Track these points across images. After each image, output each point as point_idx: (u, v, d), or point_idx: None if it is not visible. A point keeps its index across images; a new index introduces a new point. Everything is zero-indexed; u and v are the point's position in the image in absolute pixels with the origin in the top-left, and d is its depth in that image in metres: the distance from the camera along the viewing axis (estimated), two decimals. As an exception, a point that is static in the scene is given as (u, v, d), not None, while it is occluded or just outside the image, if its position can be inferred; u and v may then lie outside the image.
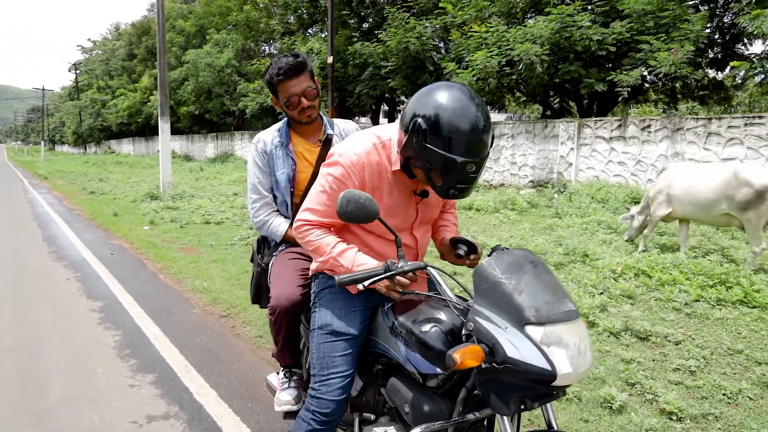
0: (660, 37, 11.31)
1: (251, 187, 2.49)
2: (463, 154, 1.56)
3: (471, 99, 1.58)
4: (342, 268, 1.79)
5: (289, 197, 2.45)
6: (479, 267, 1.52)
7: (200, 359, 3.76)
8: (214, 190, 14.18)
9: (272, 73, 2.35)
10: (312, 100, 2.36)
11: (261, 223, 2.48)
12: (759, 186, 5.48)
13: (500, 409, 1.44)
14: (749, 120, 9.57)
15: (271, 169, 2.45)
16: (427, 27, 16.98)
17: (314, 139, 2.49)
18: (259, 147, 2.46)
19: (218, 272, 6.03)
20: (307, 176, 2.43)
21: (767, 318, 4.44)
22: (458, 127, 1.55)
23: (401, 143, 1.69)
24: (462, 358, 1.37)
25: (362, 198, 1.60)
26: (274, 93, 2.41)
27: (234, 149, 26.53)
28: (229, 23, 26.86)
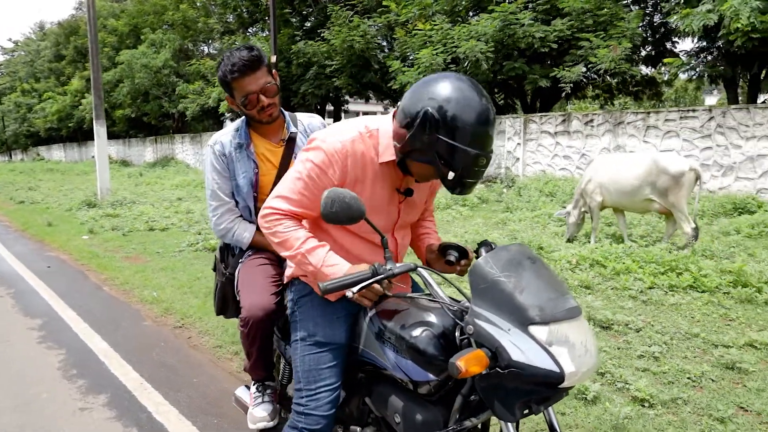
0: (599, 35, 11.70)
1: (210, 193, 2.29)
2: (476, 147, 1.48)
3: (479, 91, 1.50)
4: (309, 267, 1.64)
5: (252, 202, 2.28)
6: (475, 266, 1.43)
7: (156, 375, 3.52)
8: (157, 195, 13.60)
9: (225, 70, 2.12)
10: (272, 97, 2.17)
11: (224, 231, 2.29)
12: (675, 172, 6.04)
13: (505, 415, 1.36)
14: (684, 113, 10.03)
15: (231, 173, 2.26)
16: (372, 25, 16.92)
17: (276, 138, 2.31)
18: (216, 150, 2.26)
19: (168, 281, 5.73)
20: (270, 179, 2.26)
21: (716, 302, 4.61)
22: (472, 119, 1.47)
23: (400, 136, 1.57)
24: (466, 366, 1.27)
25: (347, 197, 1.48)
26: (229, 92, 2.19)
27: (175, 153, 25.60)
28: (165, 22, 25.90)
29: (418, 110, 1.50)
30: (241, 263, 2.28)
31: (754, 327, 4.10)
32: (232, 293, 2.35)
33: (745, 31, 9.79)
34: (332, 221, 1.51)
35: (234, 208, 2.31)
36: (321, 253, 1.65)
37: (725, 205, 8.71)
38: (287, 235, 1.67)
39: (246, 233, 2.28)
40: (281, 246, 1.70)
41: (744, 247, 6.35)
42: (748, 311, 4.41)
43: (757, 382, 3.21)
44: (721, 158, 9.60)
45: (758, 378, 3.27)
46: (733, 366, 3.40)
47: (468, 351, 1.32)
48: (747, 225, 7.37)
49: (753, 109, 9.35)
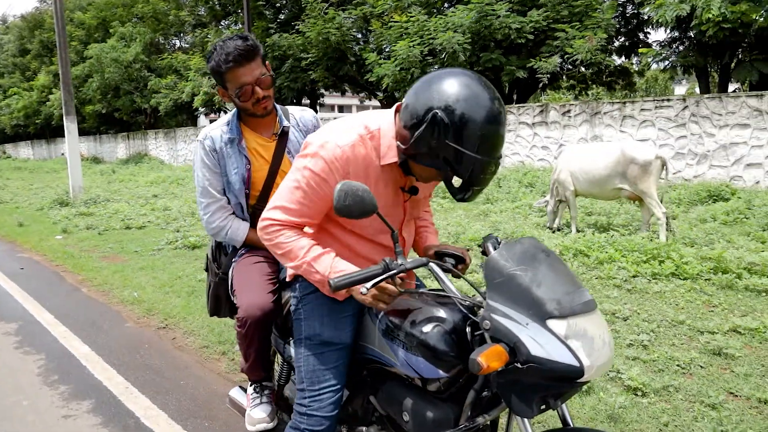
0: (575, 26, 11.79)
1: (201, 190, 2.21)
2: (487, 153, 1.41)
3: (489, 89, 1.42)
4: (317, 276, 1.58)
5: (244, 199, 2.21)
6: (490, 260, 1.39)
7: (142, 378, 3.42)
8: (131, 192, 13.30)
9: (219, 60, 2.04)
10: (267, 89, 2.10)
11: (217, 229, 2.21)
12: (642, 161, 6.23)
13: (523, 411, 1.33)
14: (659, 103, 10.18)
15: (222, 169, 2.18)
16: (347, 17, 16.78)
17: (269, 132, 2.24)
18: (206, 145, 2.17)
19: (148, 280, 5.59)
20: (263, 175, 2.19)
21: (698, 288, 4.69)
22: (483, 122, 1.39)
23: (404, 137, 1.50)
24: (487, 362, 1.25)
25: (360, 190, 1.42)
26: (222, 83, 2.11)
27: (148, 149, 25.09)
28: (135, 15, 25.29)
29: (426, 111, 1.42)
30: (234, 262, 2.21)
31: (736, 313, 4.17)
32: (225, 293, 2.27)
33: (716, 22, 9.99)
34: (345, 215, 1.44)
35: (226, 205, 2.23)
36: (327, 260, 1.59)
37: (700, 192, 8.88)
38: (290, 246, 1.61)
39: (240, 231, 2.20)
40: (285, 257, 1.64)
41: (721, 233, 6.47)
42: (729, 297, 4.49)
43: (744, 367, 3.26)
44: (695, 147, 9.78)
45: (744, 363, 3.33)
46: (720, 352, 3.45)
47: (487, 347, 1.29)
48: (722, 212, 7.53)
49: (725, 98, 9.53)
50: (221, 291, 2.28)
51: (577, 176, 6.76)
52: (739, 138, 9.31)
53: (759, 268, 4.96)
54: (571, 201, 6.95)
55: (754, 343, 3.64)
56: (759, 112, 9.11)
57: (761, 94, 9.20)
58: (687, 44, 12.75)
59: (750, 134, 9.22)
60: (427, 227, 1.98)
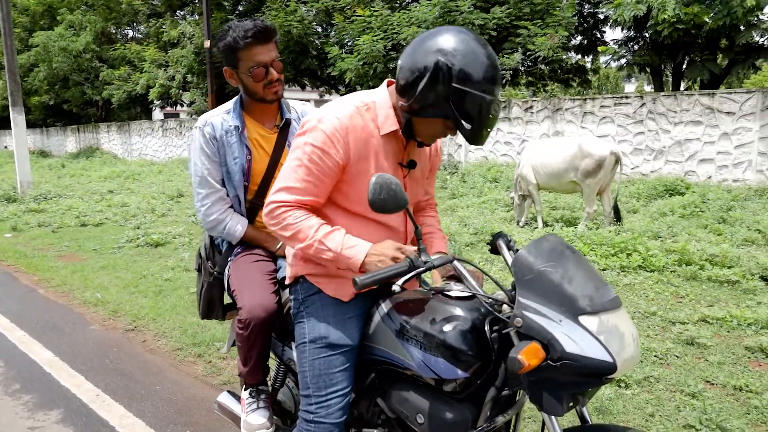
0: (536, 23, 11.97)
1: (199, 180, 2.09)
2: (491, 93, 1.45)
3: (481, 41, 1.49)
4: (329, 253, 1.52)
5: (242, 192, 2.10)
6: (519, 257, 1.37)
7: (114, 384, 3.25)
8: (84, 188, 12.75)
9: (237, 36, 1.95)
10: (280, 74, 2.04)
11: (215, 222, 2.10)
12: (598, 157, 6.46)
13: (554, 409, 1.31)
14: (618, 100, 10.46)
15: (222, 158, 2.08)
16: (309, 10, 16.54)
17: (271, 123, 2.15)
18: (206, 132, 2.06)
19: (111, 280, 5.35)
20: (263, 167, 2.09)
21: (665, 280, 4.83)
22: (483, 66, 1.44)
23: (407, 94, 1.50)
24: (528, 359, 1.23)
25: (393, 184, 1.40)
26: (233, 61, 2.01)
27: (100, 143, 24.13)
28: (84, 3, 24.19)
29: (427, 63, 1.45)
30: (231, 261, 2.11)
31: (703, 303, 4.31)
32: (220, 294, 2.17)
33: (671, 22, 10.33)
34: (379, 209, 1.42)
35: (225, 197, 2.12)
36: (338, 237, 1.54)
37: (657, 187, 9.18)
38: (298, 226, 1.55)
39: (239, 226, 2.10)
40: (293, 239, 1.57)
41: (681, 226, 6.70)
42: (695, 288, 4.64)
43: (717, 356, 3.37)
44: (652, 143, 10.10)
45: (716, 352, 3.44)
46: (693, 342, 3.56)
47: (525, 344, 1.26)
48: (679, 206, 7.80)
49: (680, 96, 9.88)
50: (215, 292, 2.17)
51: (538, 170, 6.97)
52: (693, 135, 9.67)
53: (719, 259, 5.15)
54: (535, 195, 7.11)
55: (723, 332, 3.77)
56: (711, 110, 9.47)
57: (713, 92, 9.57)
58: (642, 43, 13.15)
59: (703, 131, 9.58)
60: (433, 234, 1.89)
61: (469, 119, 1.46)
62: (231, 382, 3.22)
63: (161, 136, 20.40)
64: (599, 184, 6.58)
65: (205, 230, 2.19)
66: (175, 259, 6.01)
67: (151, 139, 20.95)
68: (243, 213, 2.15)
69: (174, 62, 19.21)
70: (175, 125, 19.90)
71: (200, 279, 2.23)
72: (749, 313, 3.92)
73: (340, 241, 1.53)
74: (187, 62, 18.47)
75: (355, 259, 1.51)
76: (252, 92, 2.06)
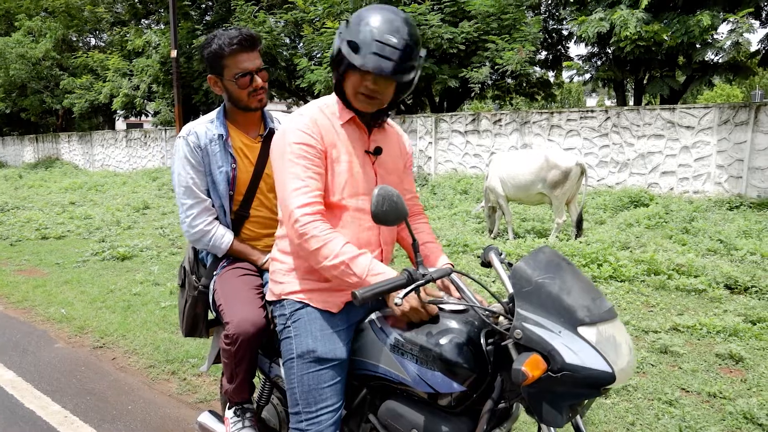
0: (504, 38, 12.21)
1: (184, 190, 2.03)
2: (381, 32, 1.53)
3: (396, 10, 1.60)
4: (353, 278, 1.51)
5: (228, 202, 2.05)
6: (517, 268, 1.37)
7: (82, 405, 3.11)
8: (44, 199, 12.31)
9: (222, 43, 1.96)
10: (264, 82, 2.04)
11: (201, 234, 2.04)
12: (564, 168, 6.64)
13: (555, 420, 1.31)
14: (584, 114, 10.73)
15: (207, 167, 2.03)
16: (278, 22, 16.48)
17: (254, 133, 2.13)
18: (191, 141, 2.02)
19: (76, 295, 5.15)
20: (247, 177, 2.05)
21: (636, 290, 4.94)
22: (376, 13, 1.57)
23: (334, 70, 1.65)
24: (531, 371, 1.23)
25: (394, 196, 1.43)
26: (218, 69, 2.01)
27: (60, 153, 23.38)
28: (44, 9, 23.51)
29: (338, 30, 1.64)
30: (216, 275, 2.04)
31: (673, 311, 4.42)
32: (204, 310, 2.10)
33: (632, 39, 10.69)
34: (381, 221, 1.45)
35: (211, 207, 2.07)
36: (365, 262, 1.53)
37: (623, 198, 9.42)
38: (323, 241, 1.54)
39: (225, 239, 2.05)
40: (317, 255, 1.55)
41: (648, 237, 6.88)
42: (664, 297, 4.76)
43: (690, 363, 3.45)
44: (617, 155, 10.38)
45: (689, 359, 3.52)
46: (666, 350, 3.64)
47: (527, 356, 1.27)
48: (644, 217, 8.01)
49: (642, 110, 10.20)
50: (200, 307, 2.10)
51: (506, 182, 7.09)
52: (655, 148, 9.99)
53: (685, 269, 5.30)
54: (504, 206, 7.21)
55: (694, 339, 3.87)
56: (672, 124, 9.81)
57: (673, 107, 9.91)
58: (605, 59, 13.55)
59: (664, 144, 9.90)
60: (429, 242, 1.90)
61: (356, 49, 1.55)
62: (208, 400, 3.12)
63: (125, 147, 19.92)
64: (566, 195, 6.74)
65: (190, 242, 2.12)
66: (143, 272, 5.83)
67: (114, 149, 20.43)
68: (228, 224, 2.10)
69: (139, 71, 18.82)
70: (139, 136, 19.46)
71: (183, 294, 2.16)
72: (717, 320, 4.04)
73: (366, 266, 1.53)
74: (152, 72, 18.13)
75: None
76: (237, 100, 2.05)
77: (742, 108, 9.14)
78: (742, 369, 3.40)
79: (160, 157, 18.69)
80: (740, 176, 9.16)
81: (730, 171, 9.28)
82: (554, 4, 15.12)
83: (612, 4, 11.33)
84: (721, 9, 10.53)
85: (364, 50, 1.53)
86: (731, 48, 10.74)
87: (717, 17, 10.22)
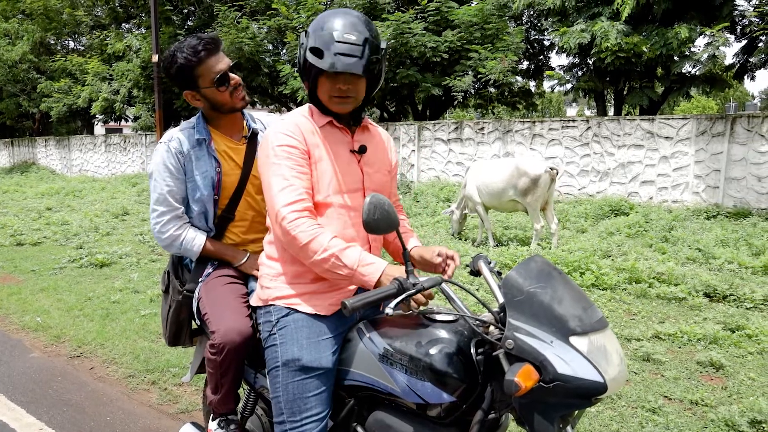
0: (487, 47, 12.32)
1: (158, 197, 2.00)
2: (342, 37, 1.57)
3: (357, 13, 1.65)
4: (344, 270, 1.52)
5: (211, 206, 2.02)
6: (508, 278, 1.36)
7: (59, 416, 3.03)
8: (19, 205, 12.04)
9: (187, 55, 1.93)
10: (238, 78, 2.03)
11: (170, 239, 2.01)
12: (533, 175, 6.81)
13: (546, 431, 1.29)
14: (565, 123, 10.86)
15: (189, 174, 2.00)
16: (261, 28, 16.42)
17: (238, 135, 2.11)
18: (172, 147, 1.98)
19: (52, 303, 5.03)
20: (234, 180, 2.03)
21: (618, 298, 4.99)
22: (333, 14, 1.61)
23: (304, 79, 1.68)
24: (524, 382, 1.22)
25: (386, 204, 1.41)
26: (192, 81, 1.97)
27: (36, 157, 22.93)
28: (21, 11, 23.11)
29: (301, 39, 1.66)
30: (201, 282, 2.00)
31: (654, 319, 4.47)
32: (189, 316, 2.06)
33: (613, 51, 10.86)
34: (373, 230, 1.44)
35: (182, 215, 2.04)
36: (354, 254, 1.53)
37: (603, 207, 9.53)
38: (310, 236, 1.55)
39: (195, 241, 2.02)
40: (306, 250, 1.55)
41: (629, 245, 6.96)
42: (645, 305, 4.81)
43: (672, 371, 3.48)
44: (597, 165, 10.51)
45: (671, 367, 3.55)
46: (649, 358, 3.67)
47: (520, 366, 1.25)
48: (625, 225, 8.11)
49: (622, 120, 10.36)
50: (184, 313, 2.05)
51: (482, 189, 7.31)
52: (635, 157, 10.14)
53: (666, 277, 5.37)
54: (482, 214, 7.40)
55: (675, 347, 3.91)
56: (651, 134, 9.97)
57: (652, 118, 10.09)
58: (586, 70, 13.75)
59: (644, 154, 10.06)
60: (406, 232, 1.94)
61: (319, 54, 1.57)
62: (189, 411, 3.06)
63: (104, 152, 19.62)
64: (539, 202, 6.90)
65: (163, 248, 2.09)
66: (122, 279, 5.72)
67: (93, 154, 20.10)
68: (211, 228, 2.07)
69: (119, 76, 18.59)
70: (119, 141, 19.19)
71: (167, 300, 2.11)
72: (698, 328, 4.09)
73: (356, 258, 1.53)
74: (132, 76, 17.92)
75: (370, 277, 1.51)
76: (220, 104, 2.03)
77: (719, 119, 9.33)
78: (723, 376, 3.44)
79: (140, 163, 18.44)
80: (717, 186, 9.34)
81: (707, 181, 9.46)
82: (536, 14, 15.30)
83: (593, 16, 11.51)
84: (698, 23, 10.76)
85: (327, 53, 1.56)
86: (708, 61, 10.99)
87: (694, 30, 10.44)
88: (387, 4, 13.58)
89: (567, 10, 12.06)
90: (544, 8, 12.43)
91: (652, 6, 10.69)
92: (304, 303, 1.64)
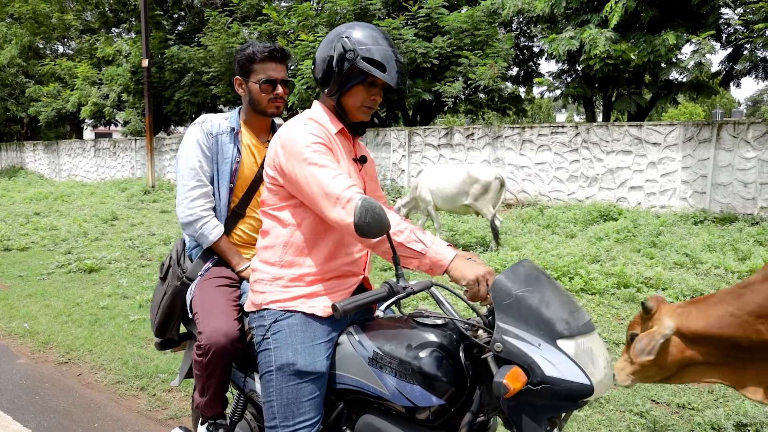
0: (477, 53, 12.42)
1: (189, 172, 2.08)
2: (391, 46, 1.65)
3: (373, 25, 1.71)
4: (419, 245, 1.46)
5: (226, 194, 2.10)
6: (498, 281, 1.39)
7: (46, 423, 3.00)
8: (6, 210, 11.93)
9: (256, 50, 2.10)
10: (285, 93, 2.15)
11: (195, 218, 2.07)
12: (484, 182, 7.26)
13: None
14: (555, 129, 10.95)
15: (215, 156, 2.10)
16: (252, 33, 16.43)
17: (264, 137, 2.24)
18: (205, 127, 2.12)
19: (40, 309, 4.99)
20: (251, 174, 2.13)
21: (606, 302, 5.03)
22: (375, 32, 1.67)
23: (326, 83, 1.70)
24: (513, 384, 1.24)
25: (378, 208, 1.40)
26: (246, 71, 2.13)
27: (24, 162, 22.75)
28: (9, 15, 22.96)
29: (333, 46, 1.66)
30: (199, 277, 2.05)
31: (642, 324, 4.50)
32: (181, 306, 2.08)
33: (601, 57, 10.98)
34: (364, 233, 1.41)
35: (211, 194, 2.12)
36: (428, 234, 1.52)
37: (592, 212, 9.60)
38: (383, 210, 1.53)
39: (215, 230, 2.09)
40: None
41: (617, 250, 7.02)
42: (633, 310, 4.85)
43: (660, 375, 3.51)
44: (586, 170, 10.60)
45: (659, 371, 3.58)
46: (636, 362, 3.69)
47: (508, 369, 1.28)
48: (614, 231, 8.18)
49: (611, 126, 10.46)
50: (177, 301, 2.08)
51: (435, 193, 7.63)
52: (623, 163, 10.24)
53: (654, 282, 5.43)
54: (433, 215, 7.77)
55: (662, 352, 3.94)
56: (639, 140, 10.08)
57: (640, 124, 10.20)
58: (575, 76, 13.88)
59: (632, 160, 10.16)
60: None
61: (384, 70, 1.61)
62: (178, 416, 3.04)
63: (93, 157, 19.50)
64: (490, 203, 7.28)
65: (181, 226, 2.13)
66: (111, 285, 5.69)
67: (81, 159, 19.97)
68: (223, 219, 2.14)
69: (108, 80, 18.51)
70: (108, 145, 19.09)
71: (163, 286, 2.14)
72: (685, 332, 4.13)
73: (431, 237, 1.51)
74: (122, 81, 17.85)
75: (444, 257, 1.46)
76: (256, 102, 2.14)
77: (706, 126, 9.45)
78: (709, 380, 3.47)
79: (129, 168, 18.34)
80: (704, 192, 9.45)
81: (694, 187, 9.57)
82: (526, 21, 15.45)
83: (582, 23, 11.64)
84: (685, 30, 10.91)
85: (389, 68, 1.63)
86: (694, 68, 11.14)
87: (681, 37, 10.59)
88: (378, 10, 13.65)
89: (556, 18, 12.18)
90: (534, 15, 12.55)
91: (640, 14, 10.82)
92: (300, 305, 1.65)
